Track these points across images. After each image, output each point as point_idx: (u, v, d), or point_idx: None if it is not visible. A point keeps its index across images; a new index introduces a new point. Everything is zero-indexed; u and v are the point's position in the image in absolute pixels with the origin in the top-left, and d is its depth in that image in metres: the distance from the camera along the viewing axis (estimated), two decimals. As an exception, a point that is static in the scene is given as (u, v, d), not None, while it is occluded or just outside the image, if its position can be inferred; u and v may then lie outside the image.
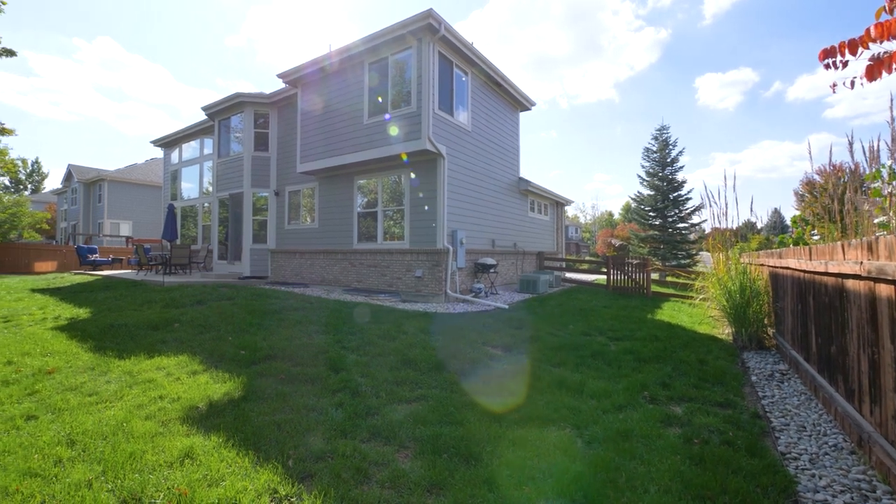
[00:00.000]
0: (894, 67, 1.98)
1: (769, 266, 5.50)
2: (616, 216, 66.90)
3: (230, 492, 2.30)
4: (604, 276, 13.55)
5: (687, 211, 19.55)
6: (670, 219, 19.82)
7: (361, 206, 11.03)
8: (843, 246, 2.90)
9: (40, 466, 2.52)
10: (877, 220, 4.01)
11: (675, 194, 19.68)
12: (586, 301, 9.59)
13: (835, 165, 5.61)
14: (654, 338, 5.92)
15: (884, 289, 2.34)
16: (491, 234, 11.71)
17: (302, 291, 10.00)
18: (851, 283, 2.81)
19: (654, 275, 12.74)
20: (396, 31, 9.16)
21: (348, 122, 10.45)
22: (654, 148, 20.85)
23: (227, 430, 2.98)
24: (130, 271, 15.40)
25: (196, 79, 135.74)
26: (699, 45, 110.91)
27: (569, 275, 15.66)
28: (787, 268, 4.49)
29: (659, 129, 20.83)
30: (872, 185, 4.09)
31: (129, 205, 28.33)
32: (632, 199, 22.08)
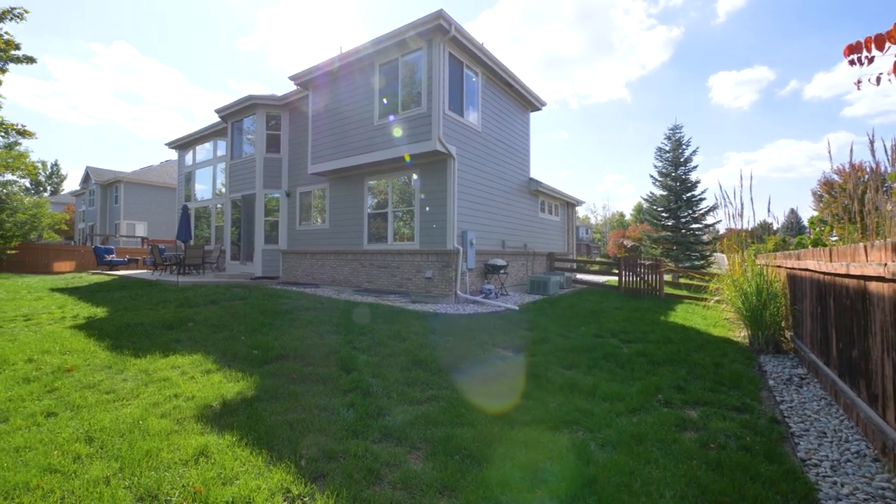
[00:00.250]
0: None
1: (786, 268, 5.38)
2: (627, 217, 66.18)
3: (244, 490, 2.31)
4: (615, 278, 13.42)
5: (701, 211, 19.22)
6: (683, 219, 19.52)
7: (371, 207, 11.08)
8: (866, 247, 2.82)
9: (60, 463, 2.57)
10: (900, 221, 3.89)
11: (689, 195, 19.37)
12: (597, 302, 9.50)
13: (854, 165, 5.47)
14: (668, 340, 5.84)
15: (910, 291, 2.27)
16: (501, 235, 11.67)
17: (313, 292, 10.07)
18: (875, 286, 2.73)
19: (667, 276, 12.58)
20: (407, 33, 9.19)
21: (359, 124, 10.51)
22: (667, 147, 20.57)
23: (241, 429, 3.01)
24: (146, 271, 15.69)
25: (209, 82, 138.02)
26: (713, 44, 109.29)
27: (579, 276, 15.54)
28: (806, 269, 4.39)
29: (672, 129, 20.55)
30: (895, 185, 3.97)
31: (145, 206, 28.87)
32: (644, 200, 21.81)
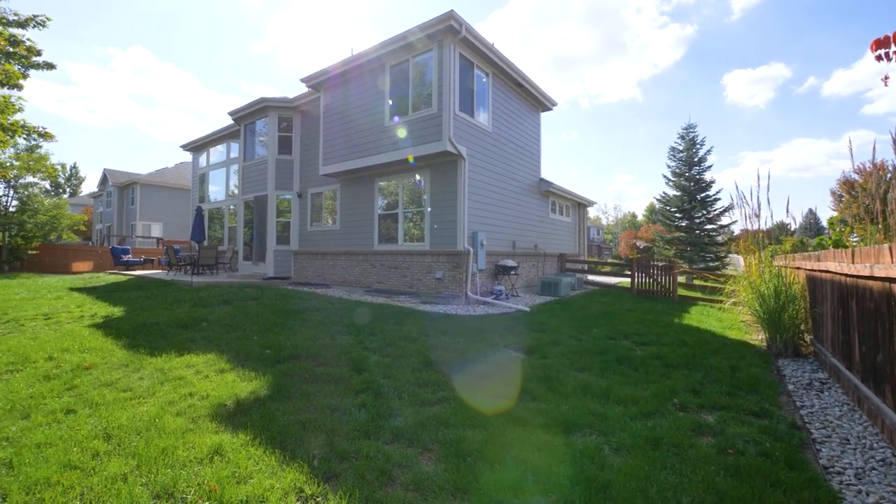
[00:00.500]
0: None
1: (806, 269, 5.26)
2: (639, 217, 65.43)
3: (258, 489, 2.33)
4: (627, 279, 13.25)
5: (716, 212, 18.89)
6: (697, 220, 19.21)
7: (382, 208, 11.12)
8: (892, 248, 2.73)
9: (79, 459, 2.62)
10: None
11: (703, 195, 19.07)
12: (610, 304, 9.39)
13: (876, 163, 5.32)
14: (683, 343, 5.74)
15: (939, 294, 2.19)
16: (511, 236, 11.62)
17: (324, 292, 10.14)
18: (901, 288, 2.65)
19: (681, 278, 12.40)
20: (417, 34, 9.21)
21: (369, 125, 10.57)
22: (681, 147, 20.29)
23: (254, 428, 3.03)
24: (161, 271, 15.96)
25: (222, 85, 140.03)
26: (727, 41, 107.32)
27: (591, 277, 15.40)
28: (827, 271, 4.28)
29: (685, 128, 20.26)
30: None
31: (160, 207, 29.42)
32: (657, 200, 21.52)
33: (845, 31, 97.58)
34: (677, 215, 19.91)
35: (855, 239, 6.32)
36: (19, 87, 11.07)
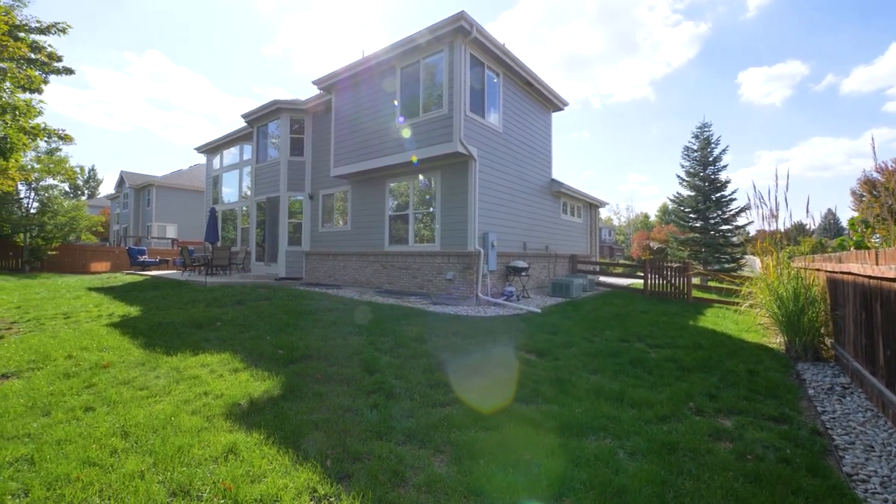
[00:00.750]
0: None
1: (826, 271, 5.13)
2: (652, 218, 64.62)
3: (272, 489, 2.34)
4: (639, 281, 13.08)
5: (731, 212, 18.56)
6: (712, 220, 18.89)
7: (392, 209, 11.15)
8: (919, 250, 2.65)
9: (97, 456, 2.67)
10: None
11: (718, 195, 18.75)
12: (622, 306, 9.28)
13: (899, 162, 5.17)
14: (698, 346, 5.64)
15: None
16: (522, 237, 11.56)
17: (335, 293, 10.20)
18: (929, 291, 2.56)
19: (695, 279, 12.20)
20: (428, 35, 9.22)
21: (380, 126, 10.61)
22: (695, 146, 19.98)
23: (268, 428, 3.06)
24: (176, 272, 16.23)
25: (235, 88, 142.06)
26: (742, 39, 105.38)
27: (602, 278, 15.24)
28: (849, 273, 4.16)
29: (700, 127, 19.96)
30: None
31: (175, 208, 29.92)
32: (670, 201, 21.21)
33: (866, 27, 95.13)
34: (691, 216, 19.62)
35: (877, 240, 6.15)
36: (39, 91, 11.38)
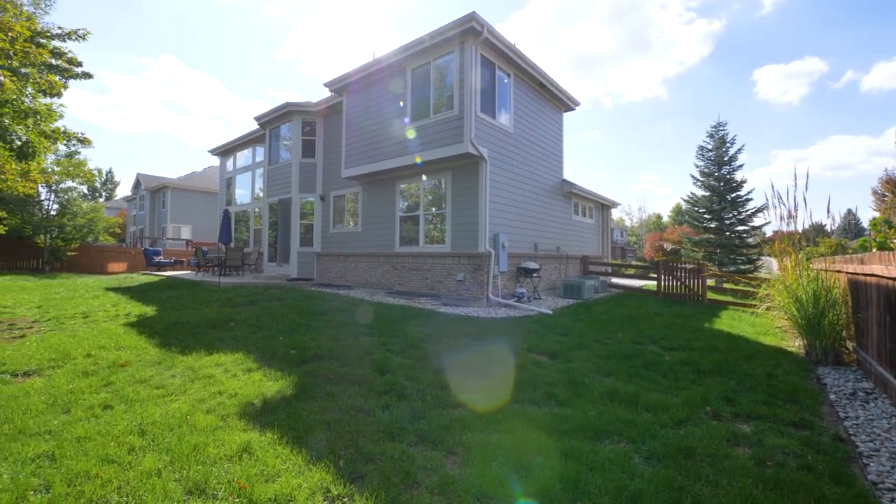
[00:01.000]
0: None
1: (847, 273, 5.00)
2: (665, 219, 63.71)
3: (286, 488, 2.36)
4: (652, 282, 12.90)
5: (747, 213, 18.18)
6: (728, 221, 18.52)
7: (403, 210, 11.18)
8: (948, 251, 2.56)
9: (115, 453, 2.71)
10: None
11: (734, 195, 18.38)
12: (635, 308, 9.16)
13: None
14: (714, 348, 5.54)
15: None
16: (533, 238, 11.49)
17: (346, 293, 10.26)
18: (959, 294, 2.47)
19: (710, 281, 11.99)
20: (439, 36, 9.23)
21: (391, 128, 10.64)
22: (710, 146, 19.64)
23: (281, 428, 3.08)
24: (190, 272, 16.49)
25: (248, 91, 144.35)
26: (758, 36, 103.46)
27: (615, 280, 15.07)
28: (873, 275, 4.05)
29: (714, 126, 19.61)
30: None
31: (189, 210, 30.43)
32: (684, 201, 20.87)
33: (887, 22, 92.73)
34: (706, 216, 19.29)
35: (900, 241, 5.97)
36: (59, 96, 11.66)
